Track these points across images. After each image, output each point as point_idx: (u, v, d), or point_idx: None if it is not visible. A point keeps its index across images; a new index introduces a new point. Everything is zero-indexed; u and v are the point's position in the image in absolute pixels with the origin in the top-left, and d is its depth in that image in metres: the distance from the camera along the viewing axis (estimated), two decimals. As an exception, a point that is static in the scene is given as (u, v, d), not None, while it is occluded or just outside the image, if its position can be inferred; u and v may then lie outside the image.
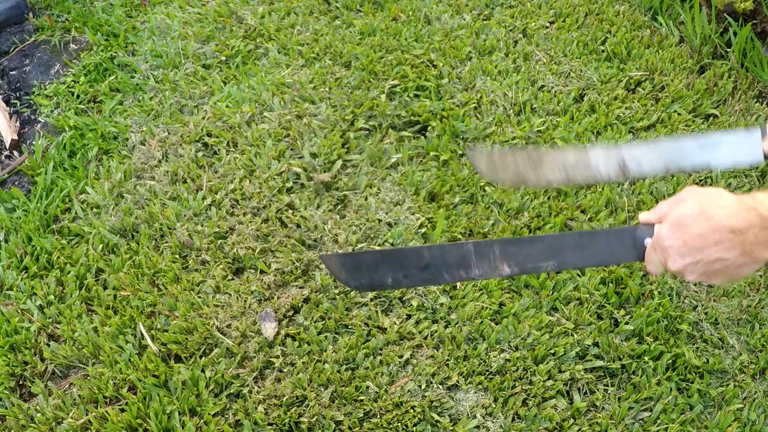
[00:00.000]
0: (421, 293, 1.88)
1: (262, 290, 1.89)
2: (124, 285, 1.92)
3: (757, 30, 2.61)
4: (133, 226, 2.08)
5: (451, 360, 1.75)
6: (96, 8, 3.06)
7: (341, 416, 1.65)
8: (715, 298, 1.92)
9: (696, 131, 2.36)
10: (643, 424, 1.67)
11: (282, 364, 1.75)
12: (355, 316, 1.83)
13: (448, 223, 2.04)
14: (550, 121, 2.38)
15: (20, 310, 1.90)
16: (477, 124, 2.35)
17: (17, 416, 1.68)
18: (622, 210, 2.11)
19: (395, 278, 1.05)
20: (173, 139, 2.35)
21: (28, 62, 2.86)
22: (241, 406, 1.67)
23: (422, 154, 2.28)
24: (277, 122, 2.37)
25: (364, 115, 2.39)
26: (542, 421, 1.65)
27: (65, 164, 2.35)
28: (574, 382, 1.74)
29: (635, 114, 2.41)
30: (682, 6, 2.83)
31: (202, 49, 2.72)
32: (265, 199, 2.12)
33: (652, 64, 2.59)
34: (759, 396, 1.73)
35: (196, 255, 1.99)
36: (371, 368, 1.73)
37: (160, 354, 1.78)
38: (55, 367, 1.80)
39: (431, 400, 1.68)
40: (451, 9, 2.87)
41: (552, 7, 2.89)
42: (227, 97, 2.49)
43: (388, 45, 2.66)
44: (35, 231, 2.10)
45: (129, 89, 2.62)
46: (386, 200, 2.12)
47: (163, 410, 1.65)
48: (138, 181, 2.24)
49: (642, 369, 1.76)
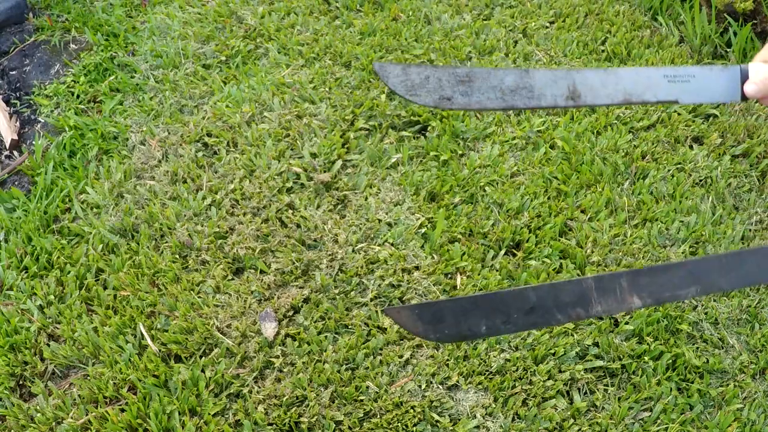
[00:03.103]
0: (421, 293, 1.88)
1: (262, 290, 1.89)
2: (124, 285, 1.92)
3: (757, 30, 2.61)
4: (133, 226, 2.08)
5: (451, 360, 1.75)
6: (96, 8, 3.06)
7: (341, 416, 1.65)
8: (715, 298, 1.92)
9: (696, 131, 2.36)
10: (643, 424, 1.67)
11: (282, 364, 1.75)
12: (355, 316, 1.83)
13: (448, 223, 2.04)
14: (550, 121, 2.38)
15: (20, 310, 1.90)
16: (477, 124, 2.35)
17: (17, 416, 1.68)
18: (622, 210, 2.11)
19: (491, 325, 0.92)
20: (173, 139, 2.35)
21: (28, 62, 2.86)
22: (241, 406, 1.67)
23: (422, 154, 2.28)
24: (277, 122, 2.37)
25: (364, 115, 2.39)
26: (542, 421, 1.65)
27: (65, 164, 2.35)
28: (574, 382, 1.74)
29: (635, 114, 2.41)
30: (682, 6, 2.83)
31: (202, 49, 2.72)
32: (265, 199, 2.12)
33: (652, 64, 2.59)
34: (759, 396, 1.73)
35: (196, 255, 1.99)
36: (371, 368, 1.73)
37: (160, 354, 1.78)
38: (55, 367, 1.80)
39: (431, 400, 1.68)
40: (451, 9, 2.87)
41: (552, 7, 2.89)
42: (227, 97, 2.49)
43: (388, 45, 2.66)
44: (35, 231, 2.10)
45: (129, 89, 2.62)
46: (386, 200, 2.12)
47: (163, 410, 1.65)
48: (138, 181, 2.24)
49: (642, 369, 1.76)
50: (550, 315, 0.91)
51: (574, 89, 1.02)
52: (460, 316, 0.93)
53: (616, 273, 0.90)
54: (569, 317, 0.91)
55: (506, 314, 0.91)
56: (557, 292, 0.91)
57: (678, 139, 2.34)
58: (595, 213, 2.10)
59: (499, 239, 2.02)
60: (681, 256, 1.98)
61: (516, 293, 0.92)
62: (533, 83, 1.02)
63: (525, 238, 2.01)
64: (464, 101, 1.03)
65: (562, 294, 0.91)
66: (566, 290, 0.91)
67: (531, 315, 0.91)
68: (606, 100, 1.03)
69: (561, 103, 1.02)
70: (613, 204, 2.13)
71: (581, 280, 0.90)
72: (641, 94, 1.03)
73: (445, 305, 0.97)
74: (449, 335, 0.94)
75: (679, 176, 2.20)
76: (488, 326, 0.92)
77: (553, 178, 2.19)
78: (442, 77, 1.03)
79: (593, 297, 0.90)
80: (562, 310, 0.91)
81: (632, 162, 2.25)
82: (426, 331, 0.94)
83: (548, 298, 0.91)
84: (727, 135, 2.36)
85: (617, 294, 0.90)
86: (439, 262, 1.95)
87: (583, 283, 0.90)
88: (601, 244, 2.00)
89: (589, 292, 0.90)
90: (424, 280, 1.90)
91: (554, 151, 2.28)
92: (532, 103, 1.03)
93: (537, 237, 2.02)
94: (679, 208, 2.11)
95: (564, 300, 0.91)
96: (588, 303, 0.90)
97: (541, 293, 0.91)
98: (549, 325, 0.95)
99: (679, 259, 1.98)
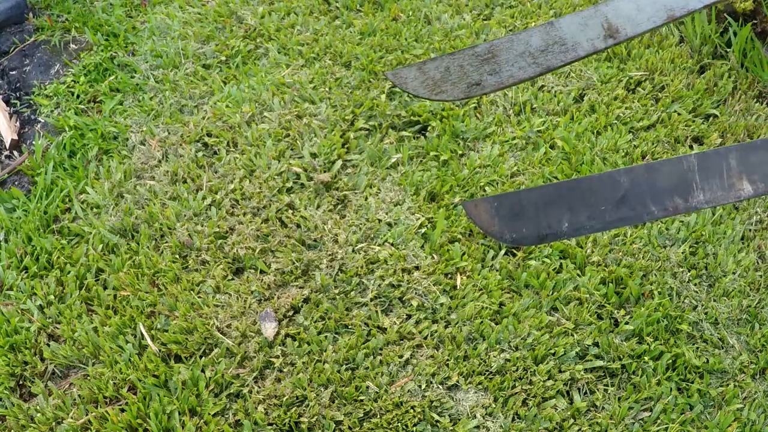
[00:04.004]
0: (421, 293, 1.88)
1: (262, 290, 1.89)
2: (124, 285, 1.92)
3: (757, 30, 2.61)
4: (133, 226, 2.08)
5: (451, 360, 1.75)
6: (96, 8, 3.06)
7: (341, 416, 1.65)
8: (716, 298, 1.92)
9: (696, 131, 2.36)
10: (643, 424, 1.67)
11: (282, 364, 1.75)
12: (355, 316, 1.83)
13: (448, 223, 2.04)
14: (550, 121, 2.38)
15: (20, 310, 1.90)
16: (477, 124, 2.35)
17: (17, 416, 1.68)
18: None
19: (575, 222, 0.79)
20: (173, 139, 2.35)
21: (28, 62, 2.86)
22: (241, 406, 1.67)
23: (422, 154, 2.28)
24: (277, 122, 2.37)
25: (364, 115, 2.39)
26: (542, 421, 1.65)
27: (65, 164, 2.35)
28: (574, 382, 1.74)
29: (635, 114, 2.41)
30: (682, 6, 2.83)
31: (202, 49, 2.72)
32: (265, 199, 2.12)
33: (652, 64, 2.59)
34: (759, 396, 1.73)
35: (196, 255, 1.99)
36: (371, 368, 1.73)
37: (160, 354, 1.78)
38: (55, 367, 1.80)
39: (431, 400, 1.68)
40: (451, 9, 2.87)
41: (552, 7, 2.89)
42: (227, 97, 2.49)
43: (388, 45, 2.66)
44: (35, 231, 2.10)
45: (129, 89, 2.62)
46: (386, 200, 2.12)
47: (163, 410, 1.65)
48: (138, 181, 2.24)
49: (642, 369, 1.76)
50: (643, 207, 0.78)
51: (609, 25, 0.91)
52: (541, 207, 0.81)
53: (724, 148, 0.76)
54: (665, 210, 0.78)
55: (593, 206, 0.79)
56: (654, 174, 0.78)
57: (678, 139, 2.34)
58: (595, 213, 2.10)
59: (499, 239, 2.01)
60: (681, 256, 1.98)
61: (605, 177, 0.80)
62: (563, 35, 0.91)
63: (525, 238, 2.01)
64: (495, 81, 0.92)
65: (658, 177, 0.78)
66: (664, 172, 0.78)
67: (621, 207, 0.79)
68: (649, 24, 0.90)
69: (600, 45, 0.91)
70: (613, 204, 2.13)
71: (681, 158, 0.77)
72: (684, 4, 0.90)
73: (526, 195, 0.85)
74: (526, 236, 0.83)
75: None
76: (571, 222, 0.80)
77: (553, 178, 2.19)
78: (464, 63, 0.93)
79: (695, 181, 0.77)
80: (657, 199, 0.78)
81: (632, 162, 2.25)
82: (502, 229, 0.83)
83: (642, 182, 0.78)
84: (727, 135, 2.36)
85: (723, 177, 0.76)
86: (439, 262, 1.95)
87: (684, 162, 0.77)
88: (601, 244, 2.00)
89: (690, 174, 0.77)
90: (424, 280, 1.90)
91: (554, 151, 2.28)
92: (569, 56, 0.91)
93: (537, 237, 2.02)
94: (679, 208, 2.11)
95: (661, 185, 0.78)
96: (689, 189, 0.77)
97: (634, 177, 0.79)
98: (641, 221, 0.81)
99: (679, 259, 1.98)
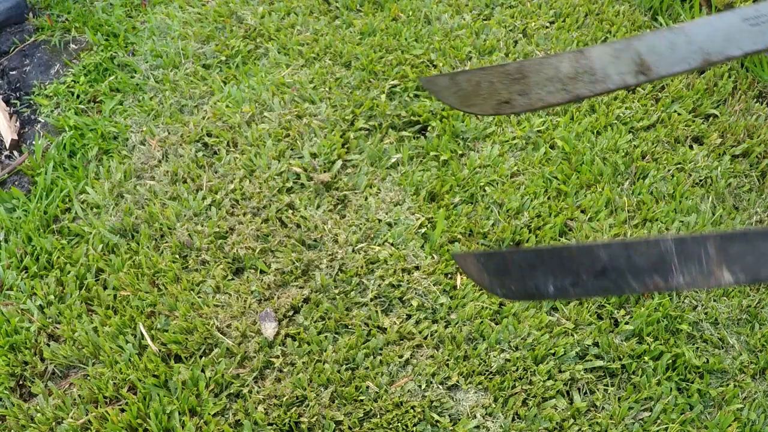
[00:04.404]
0: (421, 293, 1.88)
1: (262, 290, 1.89)
2: (124, 285, 1.92)
3: (757, 30, 2.60)
4: (133, 226, 2.08)
5: (451, 360, 1.75)
6: (96, 8, 3.06)
7: (341, 416, 1.65)
8: (715, 298, 1.92)
9: (696, 131, 2.36)
10: (643, 424, 1.67)
11: (282, 364, 1.75)
12: (355, 316, 1.83)
13: (448, 223, 2.04)
14: (550, 121, 2.38)
15: (20, 310, 1.90)
16: (477, 124, 2.35)
17: (17, 416, 1.68)
18: (622, 210, 2.11)
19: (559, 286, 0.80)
20: (173, 139, 2.35)
21: (28, 62, 2.86)
22: (241, 406, 1.67)
23: (422, 154, 2.28)
24: (277, 122, 2.37)
25: (364, 115, 2.39)
26: (542, 421, 1.65)
27: (65, 164, 2.35)
28: (574, 382, 1.74)
29: (635, 114, 2.41)
30: (682, 6, 2.83)
31: (202, 49, 2.72)
32: (265, 199, 2.12)
33: (652, 64, 2.59)
34: (759, 396, 1.73)
35: (196, 255, 1.99)
36: (371, 368, 1.73)
37: (160, 354, 1.78)
38: (55, 367, 1.80)
39: (431, 400, 1.68)
40: (451, 9, 2.87)
41: (552, 7, 2.89)
42: (227, 97, 2.49)
43: (388, 45, 2.66)
44: (35, 231, 2.10)
45: (129, 89, 2.62)
46: (386, 200, 2.12)
47: (163, 410, 1.65)
48: (138, 181, 2.24)
49: (642, 369, 1.76)
50: (623, 280, 0.78)
51: (641, 62, 0.87)
52: (525, 270, 0.82)
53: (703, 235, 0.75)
54: (645, 286, 0.76)
55: (575, 274, 0.79)
56: (631, 254, 0.77)
57: (678, 139, 2.34)
58: (595, 213, 2.10)
59: (499, 239, 2.02)
60: (681, 256, 1.98)
61: (584, 249, 0.79)
62: (592, 65, 0.88)
63: (525, 238, 2.01)
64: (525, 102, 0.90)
65: (636, 255, 0.76)
66: (641, 251, 0.76)
67: (601, 278, 0.78)
68: (683, 65, 0.85)
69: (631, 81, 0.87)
70: (613, 204, 2.13)
71: (659, 240, 0.75)
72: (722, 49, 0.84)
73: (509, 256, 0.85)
74: (516, 292, 0.83)
75: (679, 176, 2.20)
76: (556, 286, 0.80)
77: (553, 178, 2.19)
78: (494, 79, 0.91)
79: (674, 263, 0.75)
80: (637, 276, 0.77)
81: (632, 162, 2.25)
82: (492, 284, 0.83)
83: (620, 258, 0.77)
84: (727, 135, 2.36)
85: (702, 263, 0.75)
86: (439, 262, 1.95)
87: (661, 245, 0.76)
88: (601, 244, 1.99)
89: (669, 257, 0.75)
90: (424, 280, 1.90)
91: (554, 151, 2.28)
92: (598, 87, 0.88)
93: (537, 237, 2.02)
94: (679, 208, 2.12)
95: (639, 264, 0.76)
96: (668, 271, 0.76)
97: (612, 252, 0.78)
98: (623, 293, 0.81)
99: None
